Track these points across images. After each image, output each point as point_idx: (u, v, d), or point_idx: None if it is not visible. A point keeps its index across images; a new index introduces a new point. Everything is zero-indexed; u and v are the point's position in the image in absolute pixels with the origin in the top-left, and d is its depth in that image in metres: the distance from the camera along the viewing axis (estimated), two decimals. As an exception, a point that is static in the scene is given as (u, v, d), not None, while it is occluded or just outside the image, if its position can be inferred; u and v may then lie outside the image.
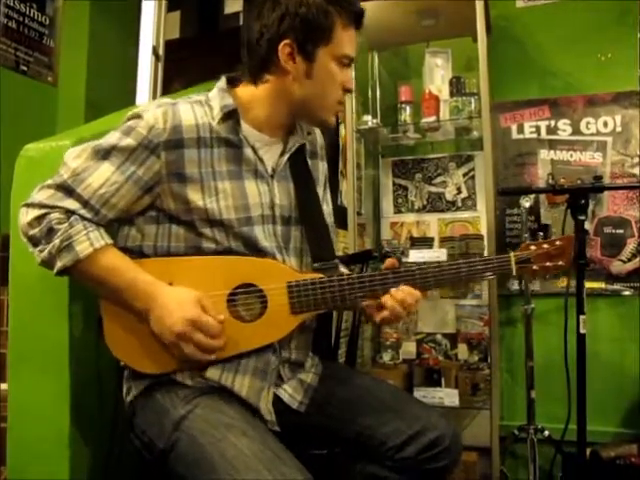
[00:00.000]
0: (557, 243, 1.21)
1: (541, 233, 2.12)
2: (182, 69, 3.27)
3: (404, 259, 2.30)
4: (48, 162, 1.29)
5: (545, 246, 1.20)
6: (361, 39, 1.26)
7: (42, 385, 1.31)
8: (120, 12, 3.03)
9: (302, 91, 1.17)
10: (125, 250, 1.13)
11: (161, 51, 3.32)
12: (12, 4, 2.53)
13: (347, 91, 1.22)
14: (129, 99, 3.05)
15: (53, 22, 2.76)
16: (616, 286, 2.38)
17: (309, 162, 1.30)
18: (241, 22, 3.33)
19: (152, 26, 3.31)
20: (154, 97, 3.20)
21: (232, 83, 1.22)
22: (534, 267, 1.20)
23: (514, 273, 1.19)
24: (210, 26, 3.47)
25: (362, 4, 1.22)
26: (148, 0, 3.28)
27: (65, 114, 2.73)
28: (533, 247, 1.21)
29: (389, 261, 1.20)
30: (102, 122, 1.59)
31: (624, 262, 2.37)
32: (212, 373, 1.11)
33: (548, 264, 1.21)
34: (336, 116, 1.27)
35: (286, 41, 1.14)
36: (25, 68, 2.61)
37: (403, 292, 1.14)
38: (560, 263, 1.21)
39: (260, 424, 1.08)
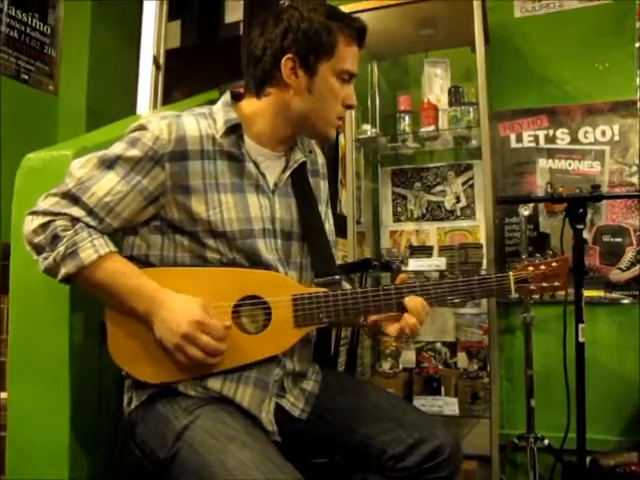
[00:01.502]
0: (553, 265, 1.24)
1: (539, 255, 2.13)
2: (182, 78, 3.29)
3: (403, 267, 2.30)
4: (49, 171, 1.30)
5: (542, 267, 1.23)
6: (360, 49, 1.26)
7: (42, 394, 1.31)
8: (121, 21, 3.05)
9: (303, 105, 1.18)
10: (131, 259, 1.13)
11: (162, 60, 3.33)
12: (14, 14, 2.55)
13: (348, 107, 1.24)
14: (130, 108, 3.06)
15: (54, 32, 2.78)
16: (615, 294, 2.38)
17: (311, 180, 1.31)
18: (241, 31, 3.35)
19: (153, 35, 3.32)
20: (154, 106, 3.21)
21: (236, 98, 1.24)
22: (531, 287, 1.23)
23: (513, 293, 1.21)
24: (210, 35, 3.49)
25: (361, 14, 1.23)
26: (149, 8, 3.30)
27: (66, 123, 2.75)
28: (531, 268, 1.23)
29: (401, 277, 1.21)
30: (103, 131, 1.60)
31: (623, 270, 2.38)
32: (214, 383, 1.11)
33: (544, 284, 1.24)
34: (336, 130, 1.28)
35: (289, 55, 1.15)
36: (26, 77, 2.62)
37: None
38: (556, 284, 1.24)
39: (261, 435, 1.08)
